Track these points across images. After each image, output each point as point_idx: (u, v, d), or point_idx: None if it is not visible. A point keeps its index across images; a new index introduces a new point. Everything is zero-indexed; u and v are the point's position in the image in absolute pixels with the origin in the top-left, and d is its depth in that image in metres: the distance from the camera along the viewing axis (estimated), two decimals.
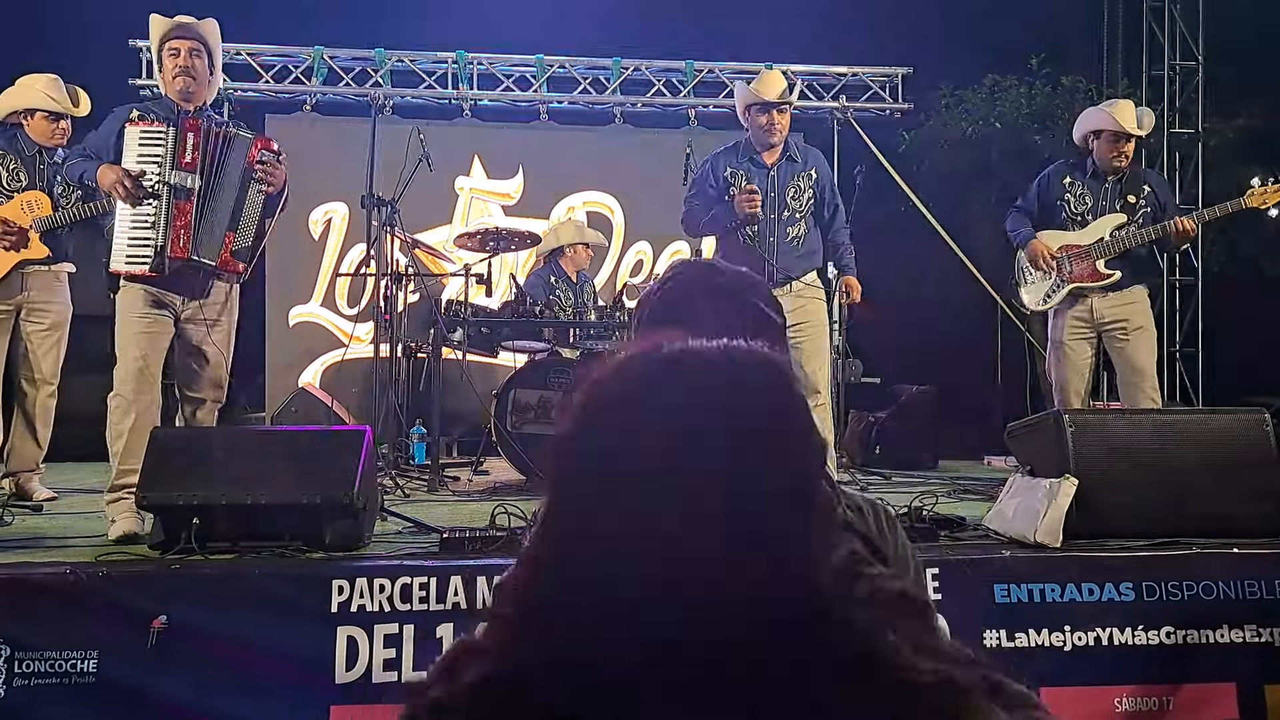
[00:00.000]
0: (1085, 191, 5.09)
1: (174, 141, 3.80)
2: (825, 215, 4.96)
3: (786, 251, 4.82)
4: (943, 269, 7.54)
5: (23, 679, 2.84)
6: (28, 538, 3.61)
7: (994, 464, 6.88)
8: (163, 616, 2.88)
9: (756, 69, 8.56)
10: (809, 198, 4.87)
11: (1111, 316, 5.01)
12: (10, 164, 4.79)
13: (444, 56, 8.38)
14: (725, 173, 4.88)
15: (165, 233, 3.76)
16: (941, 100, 8.64)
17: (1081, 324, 5.06)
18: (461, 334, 5.54)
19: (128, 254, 3.77)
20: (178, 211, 3.78)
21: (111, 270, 3.79)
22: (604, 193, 8.54)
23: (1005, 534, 3.48)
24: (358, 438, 3.37)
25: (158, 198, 3.76)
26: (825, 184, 4.96)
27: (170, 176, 3.79)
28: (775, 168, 4.85)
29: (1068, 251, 5.02)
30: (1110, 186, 5.07)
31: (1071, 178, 5.15)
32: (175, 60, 3.90)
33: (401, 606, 3.00)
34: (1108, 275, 4.97)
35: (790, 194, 4.83)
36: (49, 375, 4.86)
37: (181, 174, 3.80)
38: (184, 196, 3.80)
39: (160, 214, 3.77)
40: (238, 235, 3.94)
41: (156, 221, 3.76)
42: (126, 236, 3.79)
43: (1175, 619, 3.16)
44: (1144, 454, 3.48)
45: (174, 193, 3.79)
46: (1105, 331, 5.05)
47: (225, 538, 3.18)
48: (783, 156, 4.88)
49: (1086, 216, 5.06)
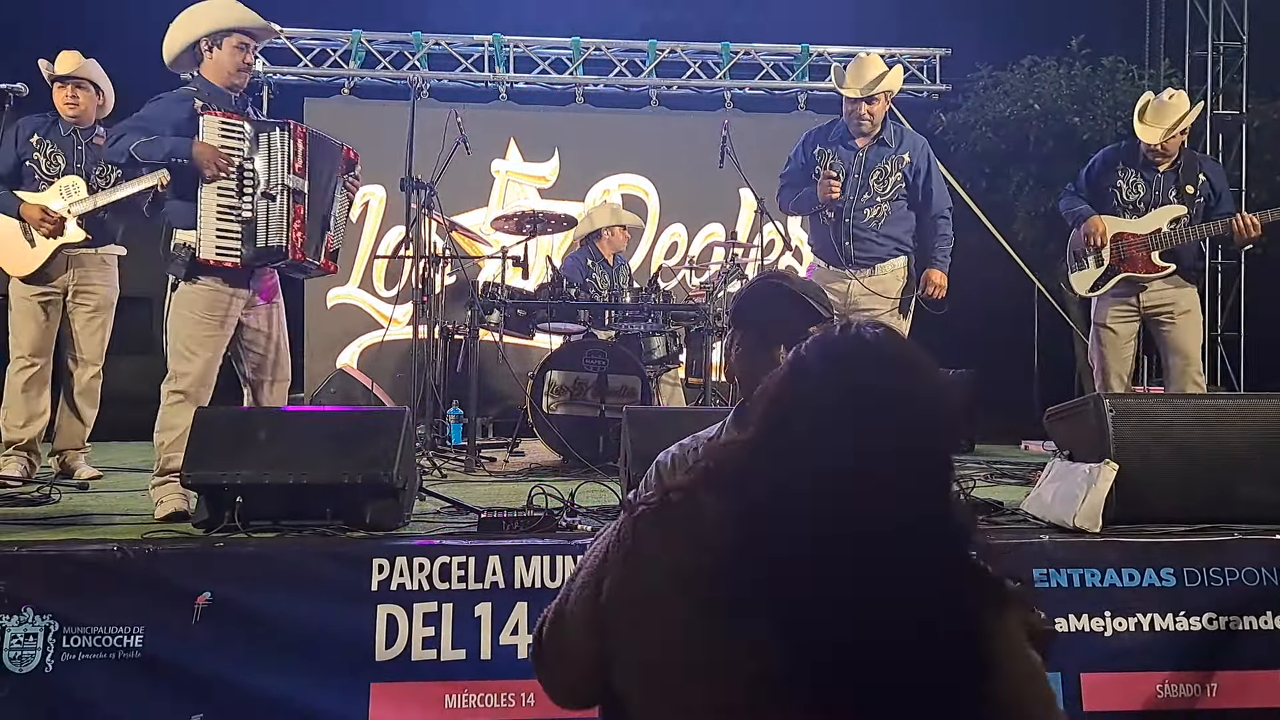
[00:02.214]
0: (1138, 180, 4.99)
1: (286, 145, 3.87)
2: (919, 199, 4.89)
3: (863, 234, 4.77)
4: (980, 251, 7.48)
5: (70, 654, 2.89)
6: (74, 515, 3.67)
7: (1031, 448, 6.83)
8: (207, 593, 2.92)
9: (793, 50, 8.53)
10: (895, 181, 4.81)
11: (1157, 301, 4.95)
12: (48, 149, 4.84)
13: (480, 40, 8.40)
14: (814, 150, 4.87)
15: (285, 234, 3.84)
16: (979, 81, 8.55)
17: (1128, 309, 5.00)
18: (498, 316, 5.56)
19: (218, 245, 3.79)
20: (294, 215, 3.88)
21: (201, 258, 3.76)
22: (639, 175, 8.54)
23: (1044, 519, 3.45)
24: (397, 418, 3.40)
25: (273, 199, 3.83)
26: (921, 168, 4.87)
27: (288, 180, 3.87)
28: (865, 150, 4.81)
29: (1123, 240, 4.95)
30: (1164, 176, 4.98)
31: (1123, 164, 5.05)
32: (244, 55, 3.96)
33: (440, 585, 3.02)
34: (1162, 268, 4.90)
35: (875, 177, 4.78)
36: (94, 357, 4.94)
37: (295, 178, 3.89)
38: (300, 200, 3.91)
39: (274, 215, 3.84)
40: (335, 237, 4.12)
41: (261, 220, 3.81)
42: (215, 228, 3.80)
43: (1217, 605, 3.12)
44: (1185, 439, 3.43)
45: (292, 196, 3.88)
46: (1150, 316, 4.98)
47: (268, 516, 3.22)
48: (875, 140, 4.83)
49: (1140, 205, 4.97)
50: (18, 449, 4.74)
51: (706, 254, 8.22)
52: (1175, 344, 4.93)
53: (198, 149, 3.72)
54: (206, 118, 3.81)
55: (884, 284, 4.82)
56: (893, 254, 4.82)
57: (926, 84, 8.71)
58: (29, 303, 4.80)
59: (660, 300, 5.91)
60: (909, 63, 8.64)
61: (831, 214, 4.78)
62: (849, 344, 1.26)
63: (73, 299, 4.88)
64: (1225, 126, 8.36)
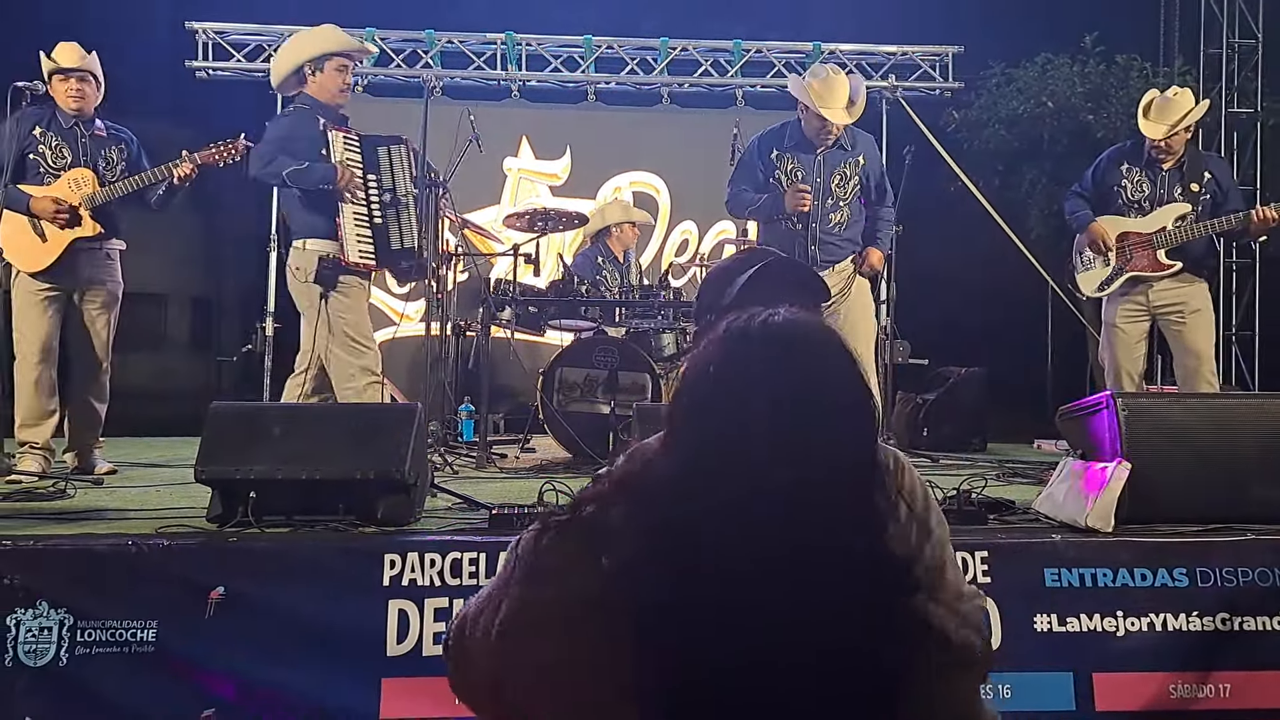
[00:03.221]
0: (1142, 178, 4.98)
1: (406, 158, 4.70)
2: (872, 199, 4.93)
3: (828, 238, 4.79)
4: (992, 249, 7.46)
5: (84, 647, 2.90)
6: (89, 510, 3.69)
7: (1044, 447, 6.81)
8: (220, 588, 2.93)
9: (805, 48, 8.51)
10: (855, 184, 4.83)
11: (1168, 300, 4.93)
12: (51, 141, 4.80)
13: (493, 38, 8.41)
14: (771, 155, 4.85)
15: (415, 237, 4.62)
16: (992, 79, 8.53)
17: (1136, 308, 4.99)
18: (509, 313, 5.57)
19: (360, 249, 4.54)
20: (415, 219, 4.65)
21: (348, 261, 4.50)
22: (650, 173, 8.55)
23: (1055, 518, 3.45)
24: (409, 414, 3.41)
25: (404, 208, 4.62)
26: (873, 171, 4.91)
27: (410, 189, 4.67)
28: (823, 155, 4.81)
29: (1128, 239, 4.94)
30: (1169, 174, 4.97)
31: (1128, 164, 5.05)
32: (344, 76, 4.71)
33: (451, 581, 3.03)
34: (1168, 266, 4.89)
35: (836, 181, 4.80)
36: (103, 352, 4.94)
37: (413, 186, 4.68)
38: (416, 205, 4.67)
39: (404, 221, 4.65)
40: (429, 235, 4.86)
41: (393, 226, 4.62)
42: (355, 234, 4.52)
43: (1230, 605, 3.11)
44: (1198, 438, 3.42)
45: (414, 202, 4.64)
46: (1161, 315, 4.97)
47: (281, 511, 3.23)
48: (833, 144, 4.83)
49: (1145, 204, 4.96)
50: (33, 447, 4.75)
51: (717, 251, 8.23)
52: (1187, 343, 4.91)
53: (341, 175, 4.44)
54: (334, 134, 4.51)
55: (843, 279, 4.86)
56: (849, 254, 4.87)
57: (939, 81, 8.67)
58: (37, 298, 4.75)
59: (671, 297, 5.91)
60: (921, 60, 8.62)
61: (799, 222, 4.77)
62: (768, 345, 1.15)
63: (81, 295, 4.87)
64: (1240, 124, 8.32)
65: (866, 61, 8.56)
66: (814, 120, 4.73)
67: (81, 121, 4.88)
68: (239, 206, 8.60)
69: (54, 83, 4.85)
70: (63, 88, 4.84)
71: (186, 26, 8.06)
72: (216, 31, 8.16)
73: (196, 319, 10.98)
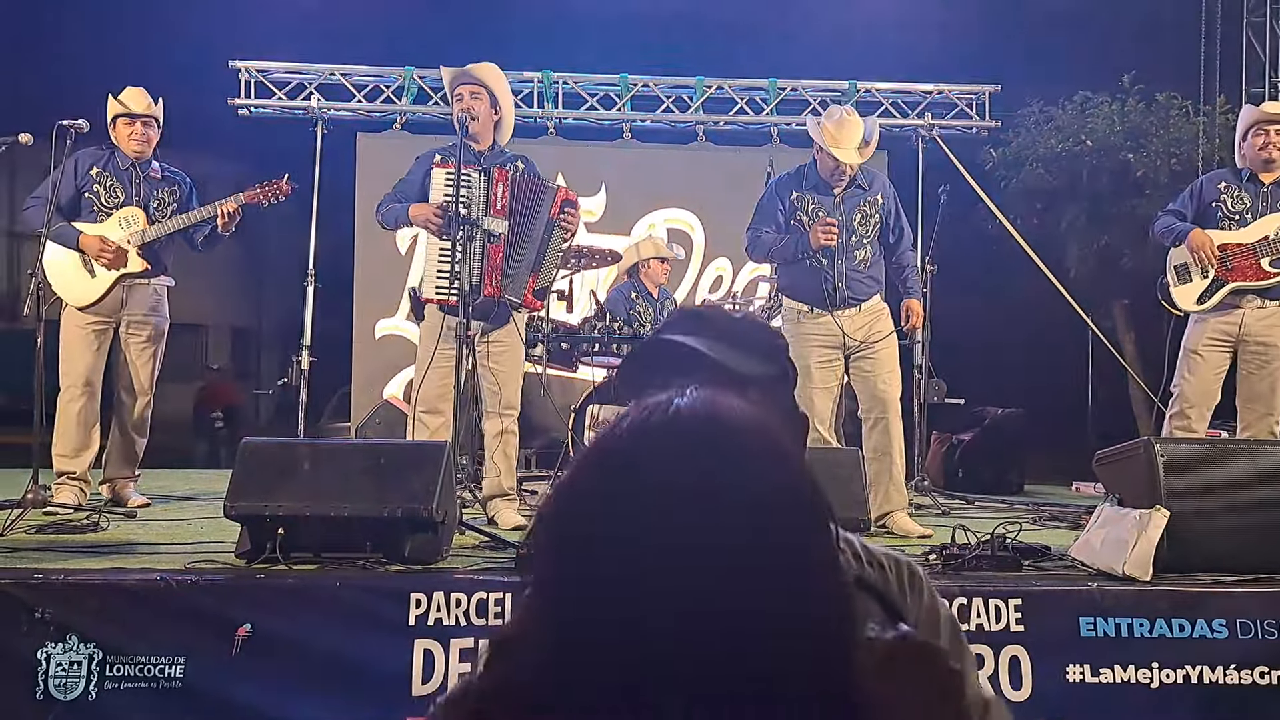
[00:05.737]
0: (1242, 192, 4.91)
1: (484, 189, 4.37)
2: (890, 239, 4.91)
3: (854, 276, 4.77)
4: (1030, 288, 7.40)
5: (113, 681, 2.92)
6: (121, 544, 3.72)
7: (1083, 490, 6.71)
8: (247, 624, 2.95)
9: (841, 86, 8.52)
10: (875, 223, 4.82)
11: (1258, 333, 4.81)
12: (107, 181, 4.91)
13: (530, 76, 8.49)
14: (791, 197, 4.85)
15: (479, 272, 4.31)
16: (1030, 117, 8.49)
17: (1223, 336, 4.86)
18: (542, 349, 5.59)
19: (436, 285, 4.33)
20: (491, 253, 4.35)
21: (424, 298, 4.45)
22: (685, 210, 8.57)
23: (1092, 565, 3.38)
24: (438, 451, 3.42)
25: (471, 239, 4.30)
26: (891, 209, 4.90)
27: (483, 223, 4.34)
28: (842, 195, 4.81)
29: (1228, 250, 4.82)
30: (1270, 189, 4.89)
31: (1226, 182, 4.98)
32: (459, 105, 4.55)
33: (477, 621, 3.02)
34: (1272, 274, 4.77)
35: (857, 220, 4.79)
36: (146, 386, 5.00)
37: (493, 219, 4.36)
38: (495, 240, 4.38)
39: (472, 255, 4.31)
40: (540, 277, 4.52)
41: (465, 260, 4.27)
42: (435, 270, 4.33)
43: (1270, 659, 3.04)
44: (1240, 486, 3.35)
45: (487, 237, 4.35)
46: (1245, 347, 4.83)
47: (309, 548, 3.24)
48: (850, 184, 4.83)
49: (1245, 216, 4.87)
50: (70, 478, 4.81)
51: (751, 289, 8.21)
52: (1265, 387, 4.78)
53: (411, 212, 4.37)
54: (434, 171, 4.39)
55: (874, 319, 4.77)
56: (875, 291, 4.83)
57: (976, 120, 8.64)
58: (83, 331, 4.86)
59: None
60: (958, 98, 8.60)
61: (825, 259, 4.75)
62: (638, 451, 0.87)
63: (126, 329, 4.95)
64: None
65: (903, 100, 8.56)
66: (828, 160, 4.74)
67: (139, 163, 4.99)
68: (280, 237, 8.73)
69: (119, 125, 4.97)
70: (127, 131, 4.96)
71: (230, 66, 8.23)
72: (259, 70, 8.32)
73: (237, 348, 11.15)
